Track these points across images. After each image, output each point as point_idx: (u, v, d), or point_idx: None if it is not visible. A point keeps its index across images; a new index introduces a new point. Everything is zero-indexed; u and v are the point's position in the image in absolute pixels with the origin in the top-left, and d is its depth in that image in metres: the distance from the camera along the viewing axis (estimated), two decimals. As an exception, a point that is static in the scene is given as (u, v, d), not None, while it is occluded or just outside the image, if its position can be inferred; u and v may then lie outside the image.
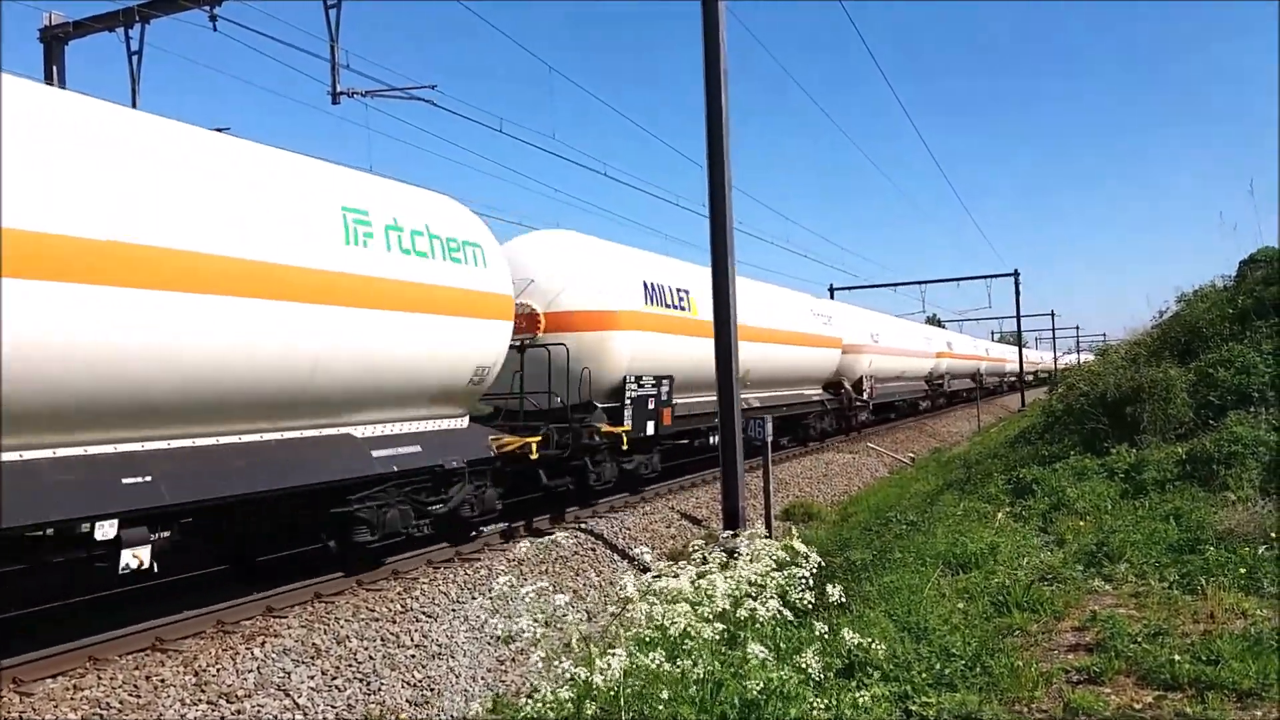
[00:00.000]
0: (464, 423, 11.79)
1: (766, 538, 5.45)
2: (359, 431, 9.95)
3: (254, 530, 10.01)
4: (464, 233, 11.46)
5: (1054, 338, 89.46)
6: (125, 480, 7.32)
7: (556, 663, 4.60)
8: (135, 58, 15.47)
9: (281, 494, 8.76)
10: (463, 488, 11.18)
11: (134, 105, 15.18)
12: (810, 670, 4.57)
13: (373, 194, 10.22)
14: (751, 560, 4.95)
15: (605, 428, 14.37)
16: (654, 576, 4.93)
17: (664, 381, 15.70)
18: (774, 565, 5.08)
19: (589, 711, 4.41)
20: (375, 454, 9.84)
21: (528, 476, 13.53)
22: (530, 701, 4.86)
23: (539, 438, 12.79)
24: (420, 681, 8.49)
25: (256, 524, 9.86)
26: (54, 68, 16.07)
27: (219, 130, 9.21)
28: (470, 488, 11.34)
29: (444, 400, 11.10)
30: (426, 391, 10.71)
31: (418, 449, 10.43)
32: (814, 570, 5.11)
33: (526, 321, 14.06)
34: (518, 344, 13.32)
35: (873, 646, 5.33)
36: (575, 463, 14.14)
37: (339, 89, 14.30)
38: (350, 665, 8.25)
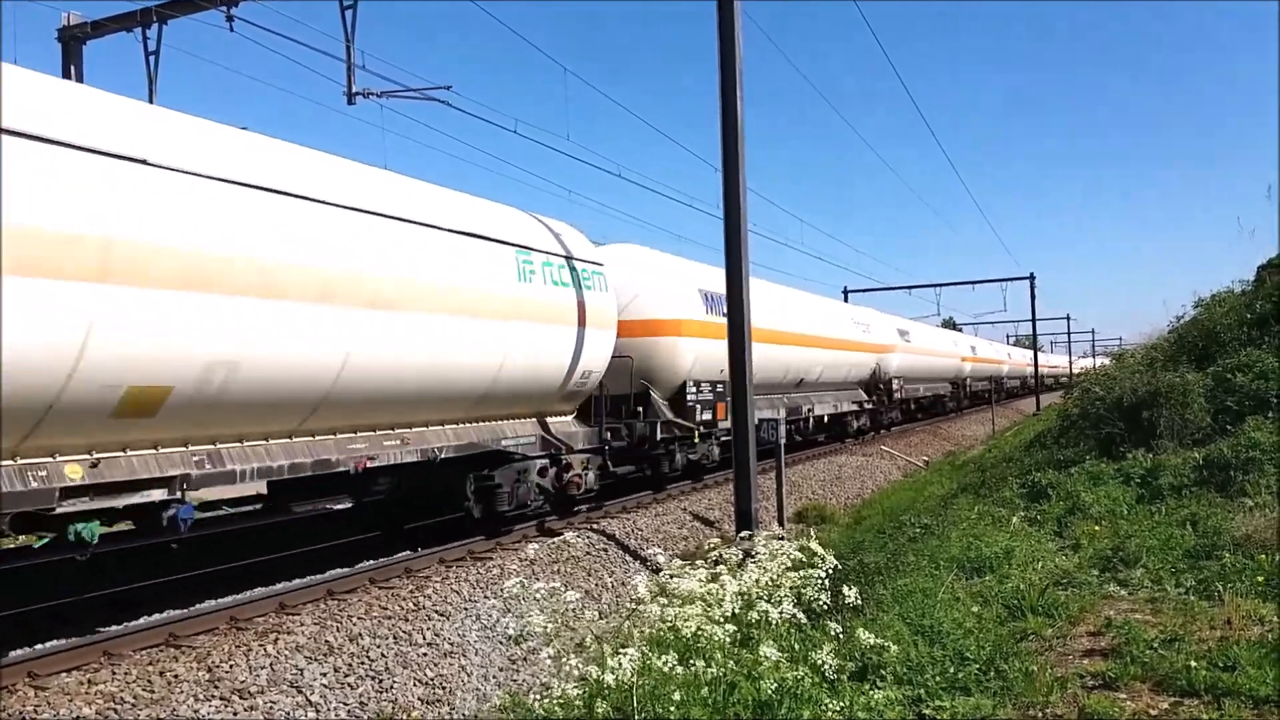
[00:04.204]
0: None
1: (782, 539, 5.44)
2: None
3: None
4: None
5: (1069, 341, 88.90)
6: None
7: (566, 661, 4.60)
8: (153, 58, 15.58)
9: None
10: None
11: (150, 103, 15.28)
12: (826, 668, 4.56)
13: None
14: (770, 558, 4.94)
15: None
16: (669, 576, 4.92)
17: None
18: (790, 566, 5.07)
19: (600, 711, 4.40)
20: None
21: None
22: (541, 700, 4.86)
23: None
24: (432, 680, 8.51)
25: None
26: (72, 67, 16.20)
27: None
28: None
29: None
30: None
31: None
32: (829, 571, 5.09)
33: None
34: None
35: (887, 649, 5.31)
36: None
37: (354, 89, 14.36)
38: (362, 663, 8.27)
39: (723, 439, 18.71)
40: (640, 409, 15.67)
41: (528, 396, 12.76)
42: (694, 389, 16.79)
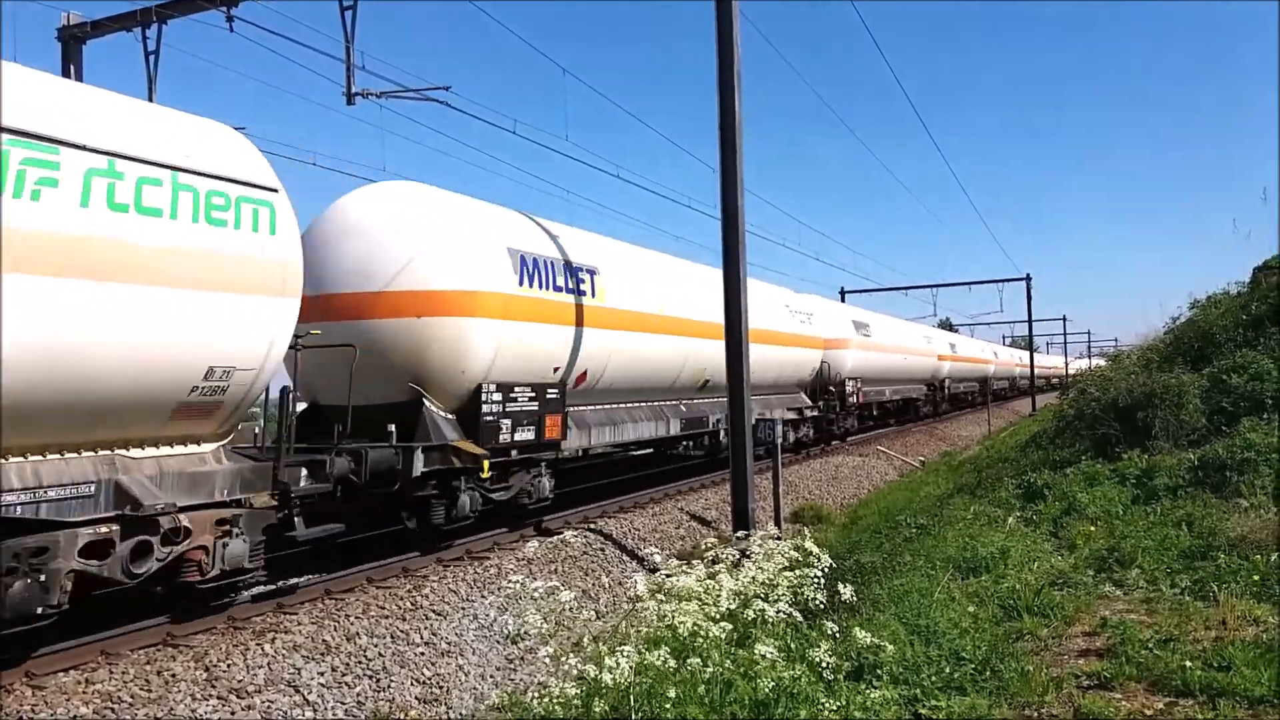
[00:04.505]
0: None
1: (778, 539, 5.46)
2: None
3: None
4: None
5: (1065, 342, 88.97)
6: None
7: (564, 660, 4.62)
8: (152, 58, 15.57)
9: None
10: None
11: (150, 103, 15.29)
12: (824, 666, 4.58)
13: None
14: (766, 558, 4.97)
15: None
16: (665, 575, 4.94)
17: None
18: (786, 565, 5.09)
19: (597, 710, 4.42)
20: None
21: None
22: (538, 699, 4.88)
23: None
24: (430, 679, 8.52)
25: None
26: (71, 67, 16.19)
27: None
28: None
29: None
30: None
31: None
32: (825, 571, 5.12)
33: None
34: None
35: (883, 648, 5.33)
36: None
37: (354, 90, 14.34)
38: (360, 662, 8.28)
39: (570, 464, 14.92)
40: (393, 427, 10.53)
41: (62, 413, 7.10)
42: (496, 396, 11.59)
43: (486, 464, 11.38)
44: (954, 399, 47.21)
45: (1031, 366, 61.40)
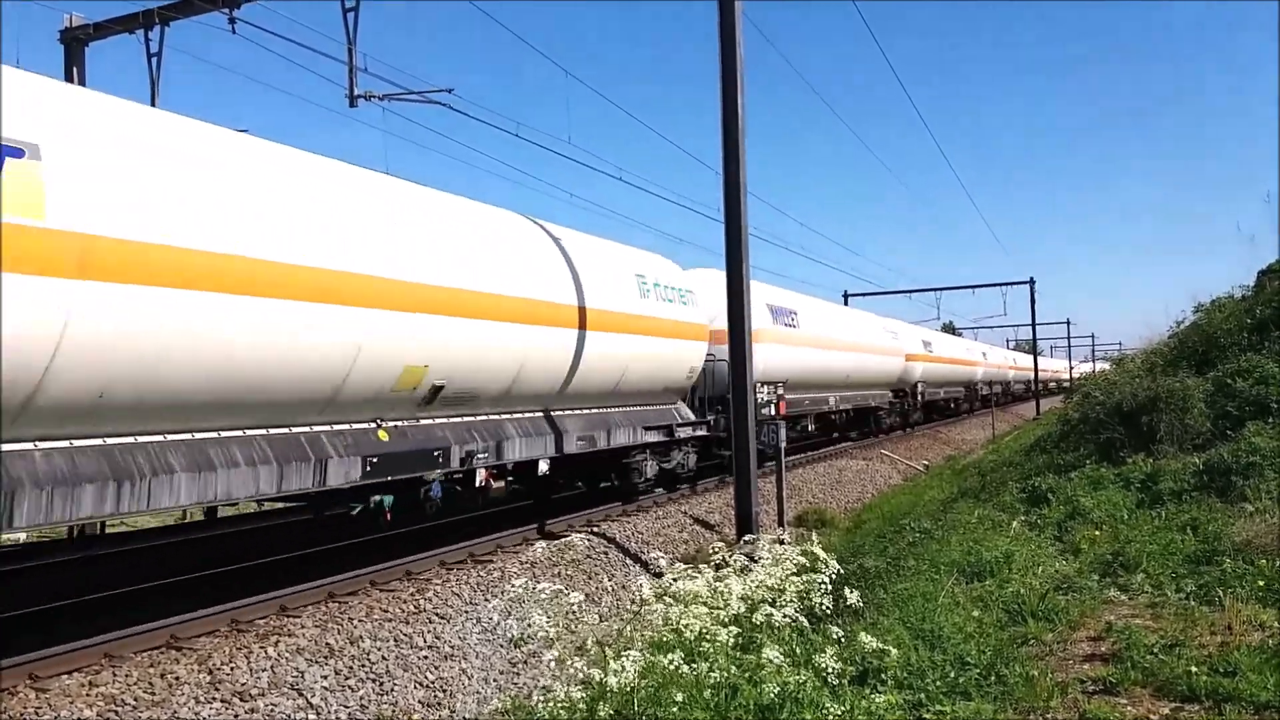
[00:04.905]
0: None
1: (784, 543, 5.46)
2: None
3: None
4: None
5: (1069, 346, 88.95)
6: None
7: (569, 663, 4.62)
8: (155, 59, 15.60)
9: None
10: None
11: (153, 105, 15.31)
12: (829, 670, 4.57)
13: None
14: (774, 563, 4.96)
15: None
16: (672, 579, 4.94)
17: None
18: (794, 570, 5.09)
19: (602, 713, 4.41)
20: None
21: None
22: (543, 702, 4.87)
23: None
24: (433, 682, 8.51)
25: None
26: (74, 69, 16.22)
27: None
28: None
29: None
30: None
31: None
32: (833, 576, 5.11)
33: None
34: None
35: (887, 653, 5.32)
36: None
37: (356, 92, 14.37)
38: (363, 665, 8.27)
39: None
40: None
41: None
42: None
43: None
44: (930, 407, 39.62)
45: (1035, 370, 61.30)
